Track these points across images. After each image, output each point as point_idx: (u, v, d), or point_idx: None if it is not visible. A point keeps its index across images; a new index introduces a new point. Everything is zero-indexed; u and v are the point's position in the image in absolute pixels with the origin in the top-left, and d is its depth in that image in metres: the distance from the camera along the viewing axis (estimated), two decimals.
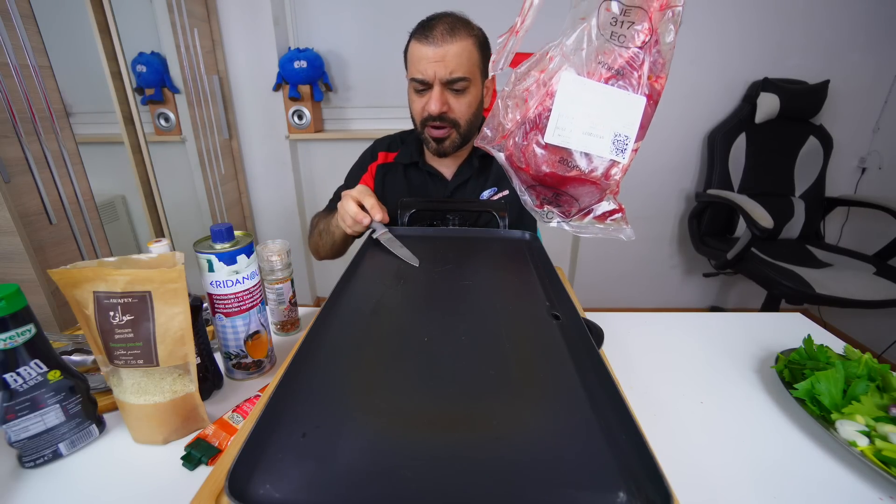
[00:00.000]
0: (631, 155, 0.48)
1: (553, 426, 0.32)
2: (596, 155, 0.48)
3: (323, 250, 0.90)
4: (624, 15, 0.45)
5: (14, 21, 0.99)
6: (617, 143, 0.47)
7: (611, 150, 0.47)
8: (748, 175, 1.78)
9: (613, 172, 0.48)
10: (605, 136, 0.47)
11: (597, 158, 0.48)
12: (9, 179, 1.00)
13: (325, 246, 0.88)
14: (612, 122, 0.46)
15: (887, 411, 0.46)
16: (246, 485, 0.26)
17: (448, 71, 0.73)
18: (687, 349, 0.65)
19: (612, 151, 0.47)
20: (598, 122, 0.46)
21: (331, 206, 0.96)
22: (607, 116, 0.46)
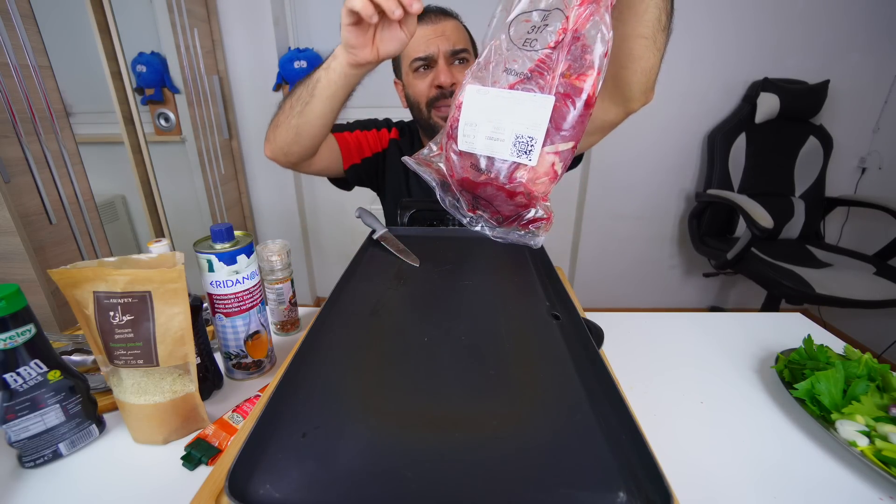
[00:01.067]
0: (551, 158, 0.47)
1: (553, 426, 0.32)
2: (498, 158, 0.48)
3: (287, 133, 0.67)
4: (543, 21, 0.45)
5: (14, 21, 0.99)
6: (519, 145, 0.46)
7: (511, 151, 0.47)
8: (748, 175, 1.78)
9: (519, 175, 0.47)
10: (507, 138, 0.47)
11: (498, 161, 0.48)
12: (9, 179, 1.00)
13: (294, 127, 0.65)
14: (513, 124, 0.47)
15: (887, 411, 0.46)
16: (246, 485, 0.26)
17: (451, 43, 0.75)
18: (687, 349, 0.65)
19: (514, 153, 0.47)
20: (500, 126, 0.47)
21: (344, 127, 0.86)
22: (509, 120, 0.47)
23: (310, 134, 0.67)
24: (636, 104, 0.64)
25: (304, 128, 0.66)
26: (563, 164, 0.47)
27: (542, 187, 0.48)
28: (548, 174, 0.46)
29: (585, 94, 0.44)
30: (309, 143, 0.69)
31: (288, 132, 0.67)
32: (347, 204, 2.05)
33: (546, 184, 0.48)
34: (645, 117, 0.76)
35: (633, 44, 0.57)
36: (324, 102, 0.62)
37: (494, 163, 0.49)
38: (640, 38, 0.56)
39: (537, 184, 0.47)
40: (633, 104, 0.64)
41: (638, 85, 0.61)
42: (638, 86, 0.61)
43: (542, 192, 0.48)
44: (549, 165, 0.46)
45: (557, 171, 0.46)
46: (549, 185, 0.48)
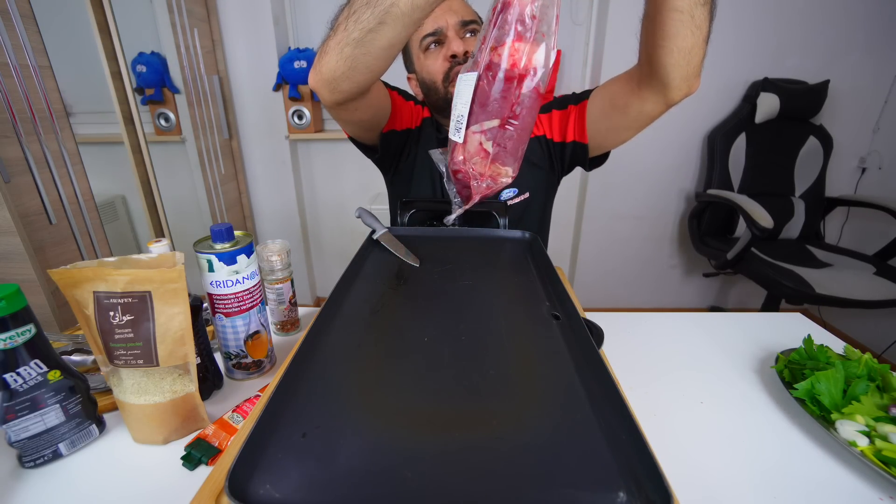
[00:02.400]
0: (477, 137, 0.47)
1: (553, 426, 0.32)
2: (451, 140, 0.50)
3: (338, 63, 0.52)
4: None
5: (14, 21, 0.99)
6: (456, 124, 0.48)
7: (453, 132, 0.49)
8: (748, 175, 1.78)
9: (457, 156, 0.49)
10: (455, 120, 0.49)
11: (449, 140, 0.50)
12: (9, 179, 1.00)
13: (348, 58, 0.51)
14: (459, 106, 0.48)
15: (887, 411, 0.46)
16: (246, 485, 0.26)
17: (459, 15, 0.75)
18: (687, 349, 0.65)
19: (454, 133, 0.48)
20: (454, 109, 0.49)
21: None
22: (458, 101, 0.49)
23: (368, 68, 0.53)
24: (676, 93, 0.56)
25: (362, 60, 0.52)
26: (494, 143, 0.46)
27: (479, 167, 0.47)
28: (478, 153, 0.46)
29: (503, 66, 0.42)
30: (365, 78, 0.55)
31: (339, 62, 0.52)
32: (347, 204, 2.05)
33: (480, 163, 0.47)
34: None
35: (665, 18, 0.49)
36: (397, 31, 0.48)
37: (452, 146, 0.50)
38: (674, 12, 0.48)
39: (472, 164, 0.47)
40: (672, 93, 0.57)
41: (676, 68, 0.53)
42: (676, 69, 0.53)
43: (479, 173, 0.48)
44: (476, 144, 0.46)
45: (488, 149, 0.46)
46: (484, 164, 0.47)
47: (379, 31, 0.48)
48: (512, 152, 0.47)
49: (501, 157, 0.47)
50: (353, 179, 1.99)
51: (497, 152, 0.46)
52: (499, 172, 0.48)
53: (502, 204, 0.74)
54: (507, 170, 0.48)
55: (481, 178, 0.48)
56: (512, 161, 0.48)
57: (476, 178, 0.49)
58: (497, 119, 0.45)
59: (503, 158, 0.47)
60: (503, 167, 0.48)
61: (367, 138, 0.80)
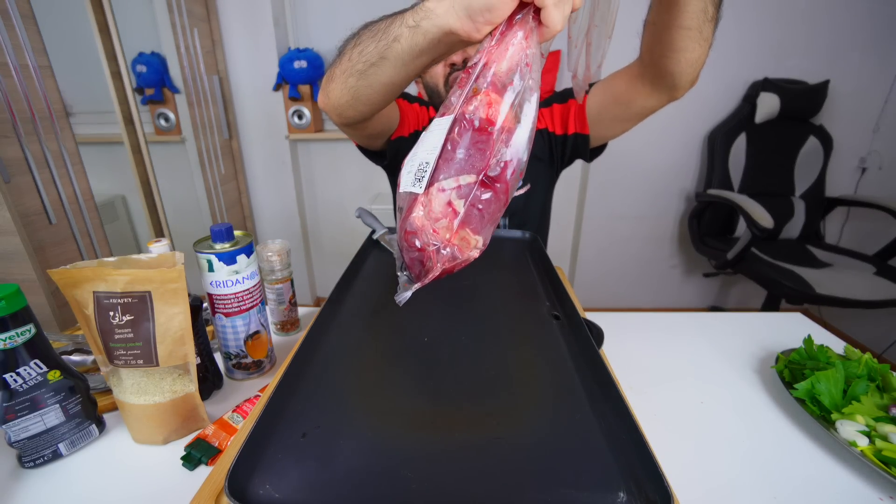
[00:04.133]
0: (447, 194, 0.35)
1: (553, 426, 0.32)
2: (405, 191, 0.38)
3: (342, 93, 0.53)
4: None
5: (14, 21, 0.99)
6: (417, 172, 0.37)
7: (410, 181, 0.37)
8: (748, 175, 1.78)
9: (414, 213, 0.36)
10: (413, 167, 0.38)
11: (402, 197, 0.38)
12: (9, 179, 1.00)
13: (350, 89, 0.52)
14: (421, 154, 0.38)
15: (887, 411, 0.46)
16: (246, 485, 0.26)
17: None
18: (687, 349, 0.65)
19: (410, 182, 0.37)
20: (414, 160, 0.38)
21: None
22: (420, 150, 0.38)
23: (369, 101, 0.54)
24: (681, 92, 0.61)
25: (363, 92, 0.52)
26: (467, 203, 0.35)
27: (442, 232, 0.35)
28: (445, 214, 0.35)
29: (477, 120, 0.36)
30: (368, 110, 0.56)
31: (343, 92, 0.53)
32: (347, 204, 2.05)
33: (445, 228, 0.35)
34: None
35: (674, 34, 0.51)
36: (397, 69, 0.47)
37: (402, 199, 0.38)
38: (682, 30, 0.50)
39: (435, 226, 0.35)
40: (677, 92, 0.61)
41: (682, 76, 0.57)
42: (682, 76, 0.57)
43: (442, 239, 0.35)
44: (444, 203, 0.35)
45: (458, 209, 0.35)
46: (449, 230, 0.35)
47: (380, 66, 0.47)
48: (490, 219, 0.36)
49: (474, 223, 0.35)
50: (353, 179, 1.99)
51: (469, 215, 0.35)
52: (467, 242, 0.35)
53: None
54: (477, 239, 0.36)
55: (444, 244, 0.35)
56: (486, 230, 0.36)
57: (437, 246, 0.35)
58: (474, 175, 0.35)
59: (476, 224, 0.35)
60: (474, 236, 0.35)
61: (376, 146, 0.81)
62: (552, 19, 0.35)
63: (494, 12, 0.36)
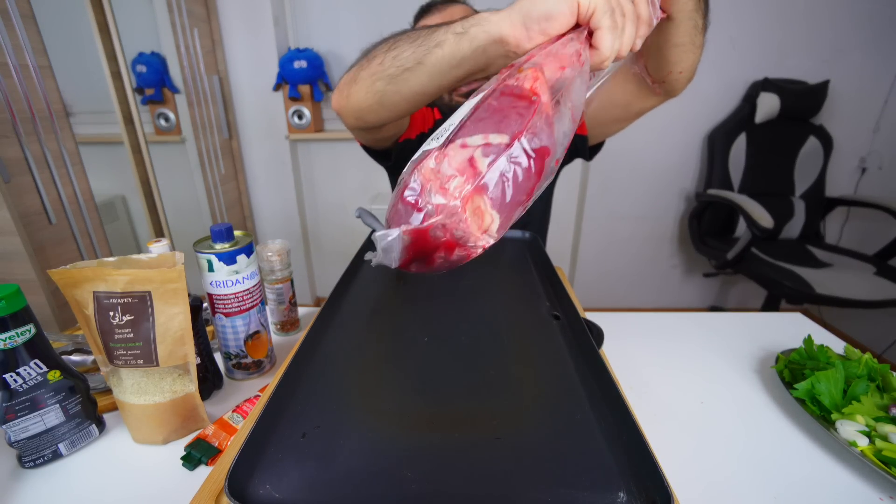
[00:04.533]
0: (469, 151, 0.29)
1: (553, 426, 0.32)
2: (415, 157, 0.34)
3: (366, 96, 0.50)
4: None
5: (14, 21, 0.99)
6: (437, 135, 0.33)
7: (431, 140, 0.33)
8: (748, 175, 1.78)
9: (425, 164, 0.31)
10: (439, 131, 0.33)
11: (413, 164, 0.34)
12: (9, 179, 1.00)
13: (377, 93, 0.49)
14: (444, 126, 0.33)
15: (887, 411, 0.46)
16: (245, 485, 0.26)
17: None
18: (687, 349, 0.65)
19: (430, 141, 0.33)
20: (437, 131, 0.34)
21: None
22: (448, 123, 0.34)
23: (394, 107, 0.50)
24: (678, 93, 0.64)
25: (389, 98, 0.49)
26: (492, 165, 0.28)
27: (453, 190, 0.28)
28: (463, 172, 0.28)
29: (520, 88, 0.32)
30: (390, 116, 0.53)
31: (368, 95, 0.50)
32: (347, 204, 2.05)
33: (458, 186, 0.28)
34: (645, 117, 0.76)
35: (668, 52, 0.53)
36: (431, 77, 0.44)
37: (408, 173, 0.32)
38: (677, 47, 0.52)
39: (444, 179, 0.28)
40: (675, 94, 0.64)
41: (678, 82, 0.60)
42: (678, 83, 0.60)
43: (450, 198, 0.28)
44: (463, 159, 0.28)
45: (480, 168, 0.28)
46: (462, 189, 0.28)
47: (415, 71, 0.45)
48: (514, 199, 0.29)
49: (496, 193, 0.28)
50: (353, 179, 1.99)
51: (492, 181, 0.27)
52: (480, 216, 0.28)
53: None
54: (493, 216, 0.28)
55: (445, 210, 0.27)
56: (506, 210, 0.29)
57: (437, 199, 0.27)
58: (507, 136, 0.28)
59: (498, 196, 0.28)
60: (490, 210, 0.28)
61: (381, 146, 0.81)
62: (604, 43, 0.34)
63: (552, 22, 0.34)
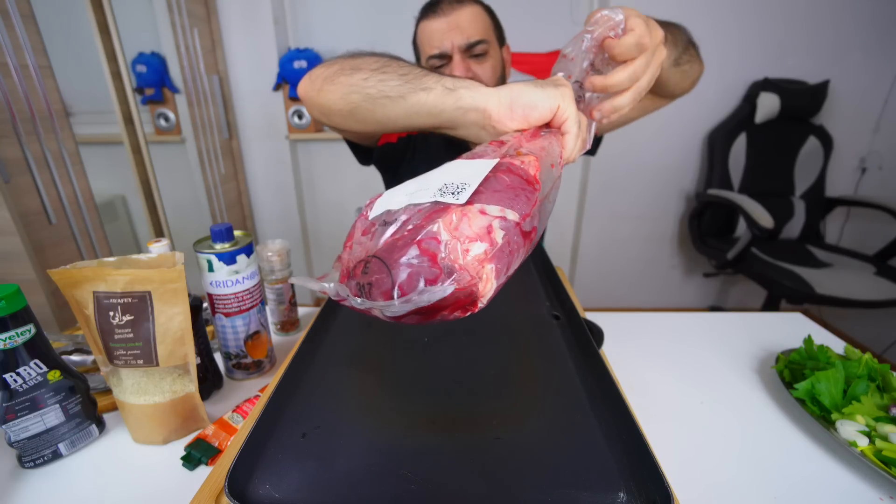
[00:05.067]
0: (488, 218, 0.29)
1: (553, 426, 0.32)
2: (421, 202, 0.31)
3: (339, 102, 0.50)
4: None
5: (14, 21, 0.99)
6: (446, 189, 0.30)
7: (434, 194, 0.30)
8: (748, 175, 1.78)
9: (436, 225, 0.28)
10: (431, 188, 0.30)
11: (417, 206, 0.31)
12: (9, 179, 1.00)
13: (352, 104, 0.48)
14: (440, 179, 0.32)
15: (887, 411, 0.46)
16: (245, 485, 0.26)
17: (465, 36, 0.70)
18: (687, 349, 0.65)
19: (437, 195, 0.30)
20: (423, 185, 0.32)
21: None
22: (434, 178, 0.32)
23: (363, 121, 0.50)
24: (680, 97, 0.71)
25: (362, 113, 0.49)
26: (505, 238, 0.28)
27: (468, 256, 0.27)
28: (481, 237, 0.27)
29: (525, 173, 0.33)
30: (358, 128, 0.53)
31: (341, 101, 0.50)
32: (347, 204, 2.05)
33: (475, 253, 0.27)
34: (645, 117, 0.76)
35: (666, 90, 0.63)
36: (408, 115, 0.45)
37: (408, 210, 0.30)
38: (674, 86, 0.62)
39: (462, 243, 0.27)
40: (677, 98, 0.71)
41: (676, 96, 0.69)
42: (688, 89, 0.68)
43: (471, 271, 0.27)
44: (483, 226, 0.28)
45: (496, 240, 0.28)
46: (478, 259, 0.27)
47: (394, 102, 0.45)
48: (507, 271, 0.30)
49: (500, 265, 0.28)
50: (353, 179, 1.99)
51: (502, 252, 0.28)
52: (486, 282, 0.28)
53: None
54: (493, 285, 0.28)
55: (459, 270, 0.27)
56: (501, 281, 0.29)
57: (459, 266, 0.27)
58: (518, 215, 0.30)
59: (500, 267, 0.29)
60: (494, 279, 0.28)
61: (364, 143, 0.80)
62: (569, 146, 0.40)
63: (534, 112, 0.38)
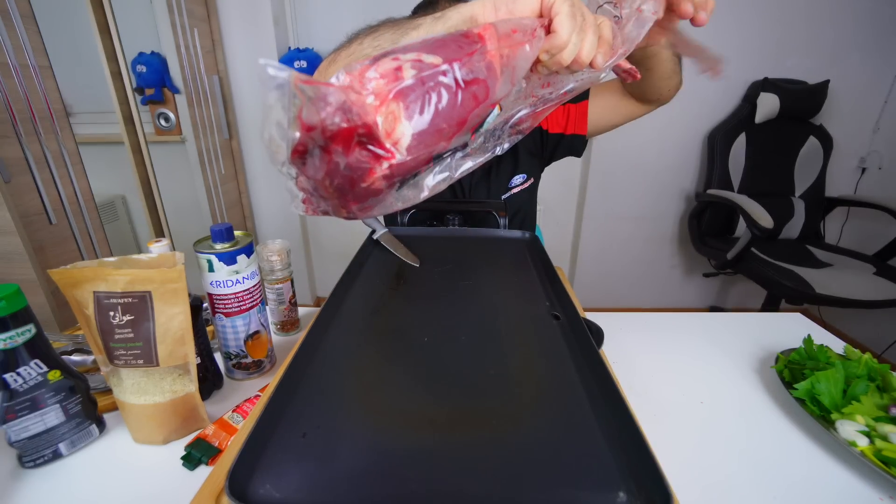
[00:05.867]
0: (397, 63, 0.28)
1: (553, 426, 0.32)
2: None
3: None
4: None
5: (14, 21, 0.99)
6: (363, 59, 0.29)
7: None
8: (748, 175, 1.78)
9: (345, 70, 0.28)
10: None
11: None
12: (9, 179, 1.00)
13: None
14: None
15: (887, 411, 0.46)
16: (246, 485, 0.26)
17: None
18: (687, 349, 0.65)
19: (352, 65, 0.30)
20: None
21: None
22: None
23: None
24: (666, 102, 0.72)
25: None
26: (418, 75, 0.27)
27: (368, 96, 0.26)
28: (385, 76, 0.26)
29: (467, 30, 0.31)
30: None
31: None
32: None
33: (378, 88, 0.26)
34: (645, 117, 0.76)
35: (649, 83, 0.64)
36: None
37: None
38: (661, 80, 0.62)
39: (362, 83, 0.26)
40: (663, 103, 0.73)
41: (663, 99, 0.70)
42: (663, 99, 0.71)
43: (365, 100, 0.26)
44: (391, 68, 0.27)
45: (404, 76, 0.27)
46: (381, 94, 0.26)
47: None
48: (434, 118, 0.27)
49: (412, 104, 0.26)
50: None
51: (412, 90, 0.26)
52: (393, 120, 0.26)
53: (502, 204, 0.74)
54: (404, 128, 0.26)
55: (359, 109, 0.25)
56: (420, 127, 0.27)
57: (348, 100, 0.25)
58: (441, 59, 0.27)
59: (413, 108, 0.26)
60: (404, 121, 0.26)
61: None
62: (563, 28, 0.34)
63: (518, 3, 0.37)
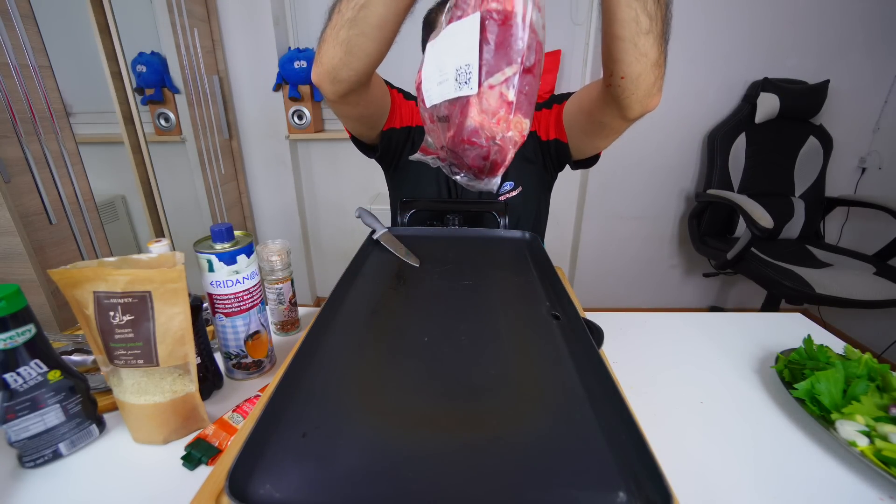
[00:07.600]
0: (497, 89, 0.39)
1: (553, 426, 0.32)
2: (449, 100, 0.43)
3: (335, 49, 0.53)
4: None
5: (14, 21, 0.99)
6: (459, 78, 0.41)
7: (454, 87, 0.41)
8: (748, 175, 1.78)
9: (472, 116, 0.41)
10: (450, 76, 0.42)
11: (449, 105, 0.43)
12: (9, 179, 1.00)
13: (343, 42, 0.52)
14: (452, 60, 0.42)
15: (887, 411, 0.46)
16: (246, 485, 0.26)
17: None
18: (687, 349, 0.65)
19: (456, 88, 0.41)
20: (443, 67, 0.43)
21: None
22: (448, 56, 0.42)
23: (364, 51, 0.52)
24: (630, 112, 0.57)
25: (356, 41, 0.51)
26: (517, 91, 0.39)
27: (503, 123, 0.40)
28: (501, 106, 0.40)
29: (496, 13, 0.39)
30: (362, 64, 0.54)
31: (336, 48, 0.53)
32: (347, 204, 2.05)
33: (503, 118, 0.40)
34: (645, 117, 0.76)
35: (610, 44, 0.49)
36: (387, 4, 0.47)
37: (449, 107, 0.43)
38: (617, 40, 0.48)
39: (496, 120, 0.40)
40: (627, 112, 0.57)
41: (626, 91, 0.53)
42: (626, 92, 0.53)
43: (502, 129, 0.40)
44: (497, 97, 0.39)
45: (510, 99, 0.39)
46: (508, 118, 0.40)
47: (369, 6, 0.48)
48: (530, 99, 0.41)
49: (524, 107, 0.40)
50: (353, 179, 1.99)
51: (519, 102, 0.39)
52: (521, 126, 0.40)
53: (501, 204, 0.74)
54: (526, 122, 0.41)
55: (506, 131, 0.41)
56: (529, 111, 0.41)
57: (502, 135, 0.41)
58: (514, 65, 0.38)
59: (525, 108, 0.40)
60: (524, 119, 0.40)
61: (368, 137, 0.80)
62: None
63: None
